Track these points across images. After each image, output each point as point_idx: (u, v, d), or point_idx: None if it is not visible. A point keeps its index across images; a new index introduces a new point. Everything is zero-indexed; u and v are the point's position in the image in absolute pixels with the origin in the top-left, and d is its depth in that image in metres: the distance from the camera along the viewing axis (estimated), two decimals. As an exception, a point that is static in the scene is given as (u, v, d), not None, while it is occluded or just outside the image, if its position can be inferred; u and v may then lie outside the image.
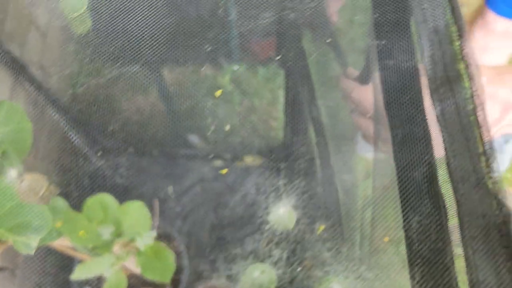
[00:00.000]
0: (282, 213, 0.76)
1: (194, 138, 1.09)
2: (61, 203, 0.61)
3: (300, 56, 0.63)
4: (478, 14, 0.92)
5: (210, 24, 0.53)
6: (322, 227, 0.56)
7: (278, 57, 0.65)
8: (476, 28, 0.93)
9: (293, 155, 0.84)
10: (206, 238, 1.10)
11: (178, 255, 1.06)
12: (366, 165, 0.71)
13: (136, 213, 0.67)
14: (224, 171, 1.03)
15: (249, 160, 1.04)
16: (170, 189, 0.72)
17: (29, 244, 0.46)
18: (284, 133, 0.98)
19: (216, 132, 1.10)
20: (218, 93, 0.25)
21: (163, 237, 1.07)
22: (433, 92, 0.23)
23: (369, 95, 0.42)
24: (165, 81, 1.04)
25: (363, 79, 0.45)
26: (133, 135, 1.18)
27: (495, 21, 0.89)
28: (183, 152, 1.08)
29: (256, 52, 1.07)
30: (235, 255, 1.07)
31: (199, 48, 0.66)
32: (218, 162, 1.11)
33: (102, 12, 0.52)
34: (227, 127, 1.13)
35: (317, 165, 0.74)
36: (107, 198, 0.66)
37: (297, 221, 0.83)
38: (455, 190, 0.21)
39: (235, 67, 1.10)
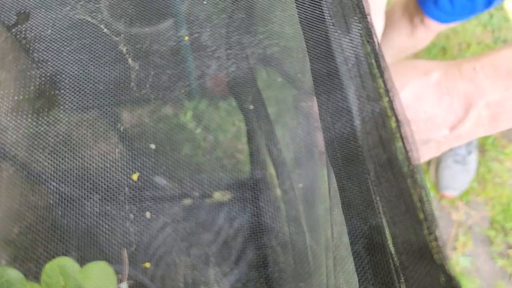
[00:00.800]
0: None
1: (160, 180, 1.06)
2: (15, 274, 0.57)
3: (255, 91, 0.61)
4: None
5: (166, 64, 0.51)
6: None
7: (231, 96, 0.64)
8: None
9: (258, 192, 0.82)
10: (182, 281, 1.06)
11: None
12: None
13: (99, 274, 0.63)
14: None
15: (218, 196, 1.01)
16: (124, 252, 0.69)
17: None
18: (251, 166, 0.96)
19: (183, 170, 1.07)
20: (134, 176, 0.24)
21: (136, 287, 1.02)
22: (366, 153, 0.22)
23: None
24: (124, 123, 1.01)
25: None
26: (97, 181, 1.13)
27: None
28: (150, 194, 1.04)
29: (213, 87, 1.06)
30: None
31: (157, 88, 0.64)
32: (187, 201, 1.08)
33: (48, 61, 0.49)
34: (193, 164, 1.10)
35: (281, 202, 0.72)
36: (67, 262, 0.62)
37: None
38: (400, 263, 0.19)
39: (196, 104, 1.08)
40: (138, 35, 0.25)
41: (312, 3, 0.25)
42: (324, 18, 0.25)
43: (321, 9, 0.25)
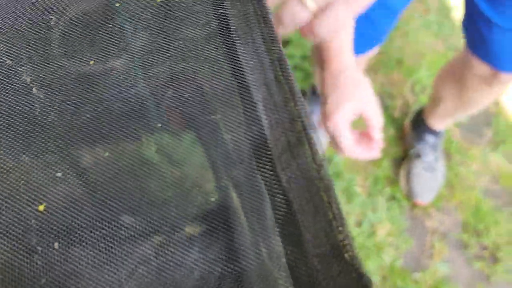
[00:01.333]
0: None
1: (127, 218, 1.04)
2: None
3: (207, 118, 0.61)
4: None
5: (126, 100, 0.50)
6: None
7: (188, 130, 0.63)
8: None
9: (226, 220, 0.81)
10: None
11: None
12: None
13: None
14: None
15: (189, 229, 0.99)
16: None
17: None
18: (218, 196, 0.95)
19: (151, 206, 1.05)
20: (41, 207, 0.23)
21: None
22: (276, 161, 0.21)
23: None
24: (81, 165, 0.98)
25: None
26: (59, 226, 1.10)
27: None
28: (118, 235, 1.02)
29: (173, 120, 1.05)
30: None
31: (117, 124, 0.62)
32: (157, 238, 1.06)
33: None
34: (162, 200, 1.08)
35: (247, 229, 0.71)
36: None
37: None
38: (313, 267, 0.19)
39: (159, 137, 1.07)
40: (44, 63, 0.25)
41: (220, 16, 0.26)
42: (230, 30, 0.25)
43: (228, 21, 0.25)
